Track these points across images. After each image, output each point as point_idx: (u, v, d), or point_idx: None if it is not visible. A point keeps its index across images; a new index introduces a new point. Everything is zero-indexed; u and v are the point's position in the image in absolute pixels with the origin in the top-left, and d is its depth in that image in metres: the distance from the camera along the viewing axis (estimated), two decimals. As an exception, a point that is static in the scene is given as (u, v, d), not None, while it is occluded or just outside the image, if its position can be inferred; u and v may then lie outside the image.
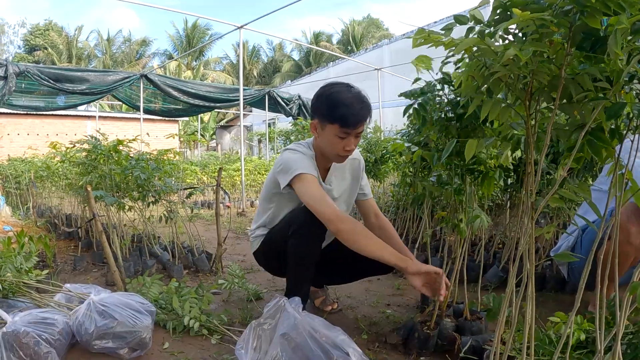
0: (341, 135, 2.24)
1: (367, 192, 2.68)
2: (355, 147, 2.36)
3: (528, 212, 1.25)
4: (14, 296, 2.41)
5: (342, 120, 2.21)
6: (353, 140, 2.28)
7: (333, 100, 2.24)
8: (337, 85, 2.33)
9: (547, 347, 1.76)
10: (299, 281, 2.41)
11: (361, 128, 2.27)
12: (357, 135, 2.29)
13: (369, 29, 39.44)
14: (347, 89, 2.29)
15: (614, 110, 1.02)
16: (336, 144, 2.28)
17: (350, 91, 2.28)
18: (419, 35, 1.05)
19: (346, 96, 2.23)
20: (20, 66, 9.01)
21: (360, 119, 2.23)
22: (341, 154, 2.32)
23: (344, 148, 2.28)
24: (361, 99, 2.26)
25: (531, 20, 0.91)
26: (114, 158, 3.88)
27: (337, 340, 1.85)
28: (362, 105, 2.24)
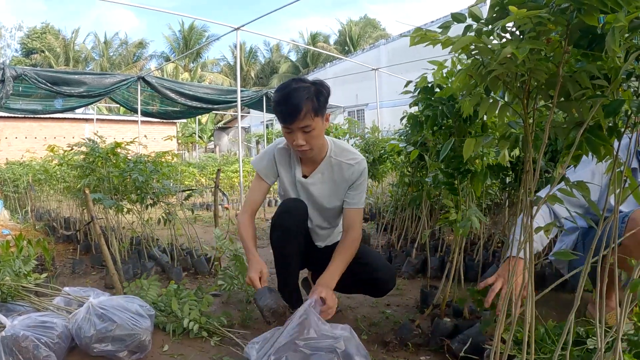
0: (285, 130, 2.29)
1: (350, 202, 2.50)
2: (310, 143, 2.30)
3: (527, 210, 1.24)
4: (13, 300, 2.41)
5: (278, 116, 2.26)
6: (301, 135, 2.26)
7: (275, 96, 2.29)
8: (289, 80, 2.34)
9: (547, 345, 1.76)
10: (283, 273, 2.47)
11: (303, 123, 2.22)
12: (304, 131, 2.25)
13: (366, 29, 39.48)
14: (293, 83, 2.28)
15: (613, 107, 1.02)
16: (287, 138, 2.36)
17: (294, 85, 2.25)
18: (416, 34, 1.05)
19: (284, 92, 2.24)
20: (18, 69, 8.98)
21: (292, 114, 2.20)
22: (294, 149, 2.37)
23: (292, 142, 2.31)
24: (298, 94, 2.20)
25: (528, 18, 0.91)
26: (112, 161, 3.88)
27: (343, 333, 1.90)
28: (296, 100, 2.19)
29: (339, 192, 2.51)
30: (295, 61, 39.70)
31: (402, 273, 3.59)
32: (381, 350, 2.26)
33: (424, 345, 2.27)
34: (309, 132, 2.26)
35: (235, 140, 29.24)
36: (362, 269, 2.46)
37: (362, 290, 2.65)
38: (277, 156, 2.53)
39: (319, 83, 2.32)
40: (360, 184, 2.50)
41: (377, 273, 2.49)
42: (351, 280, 2.45)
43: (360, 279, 2.49)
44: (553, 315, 2.57)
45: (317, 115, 2.25)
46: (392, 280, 2.54)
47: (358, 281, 2.50)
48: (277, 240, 2.43)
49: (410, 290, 3.27)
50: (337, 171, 2.48)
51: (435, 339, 2.23)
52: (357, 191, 2.49)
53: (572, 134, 1.15)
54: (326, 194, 2.52)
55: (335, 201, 2.54)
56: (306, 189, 2.50)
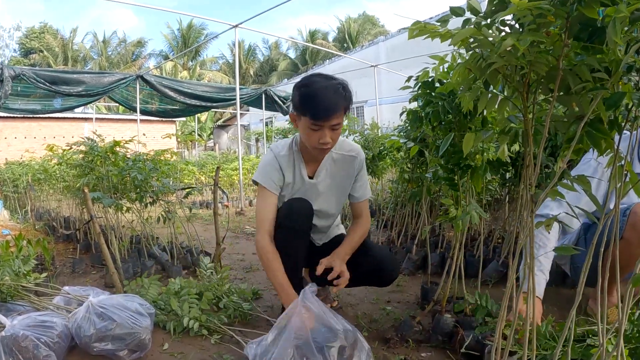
0: (313, 127, 2.20)
1: (358, 195, 2.57)
2: (334, 141, 2.28)
3: (527, 205, 1.24)
4: (12, 300, 2.40)
5: (312, 112, 2.17)
6: (328, 132, 2.21)
7: (305, 91, 2.20)
8: (315, 76, 2.29)
9: (548, 341, 1.75)
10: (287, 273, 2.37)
11: (335, 120, 2.19)
12: (333, 128, 2.22)
13: (364, 26, 39.42)
14: (323, 80, 2.23)
15: (614, 100, 1.01)
16: (311, 136, 2.24)
17: (325, 82, 2.21)
18: (415, 26, 1.04)
19: (317, 87, 2.18)
20: (16, 69, 8.98)
21: (330, 111, 2.16)
22: (317, 146, 2.27)
23: (318, 140, 2.23)
24: (334, 92, 2.18)
25: (528, 10, 0.90)
26: (111, 159, 3.87)
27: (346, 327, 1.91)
28: (333, 97, 2.16)
29: (344, 187, 2.54)
30: (294, 59, 39.65)
31: (403, 269, 3.59)
32: (382, 346, 2.25)
33: (425, 342, 2.27)
34: (336, 129, 2.24)
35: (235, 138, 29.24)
36: (367, 260, 2.46)
37: (367, 282, 2.60)
38: (283, 164, 2.45)
39: (343, 81, 2.29)
40: (363, 175, 2.57)
41: (381, 263, 2.48)
42: (356, 272, 2.44)
43: (365, 270, 2.47)
44: (554, 311, 2.57)
45: (344, 113, 2.25)
46: (396, 270, 2.57)
47: (363, 272, 2.47)
48: (283, 241, 2.38)
49: (410, 286, 3.26)
50: (340, 165, 2.50)
51: (436, 335, 2.23)
52: (362, 182, 2.57)
53: (572, 127, 1.14)
54: (332, 189, 2.52)
55: (341, 197, 2.57)
56: (315, 188, 2.48)
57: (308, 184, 2.46)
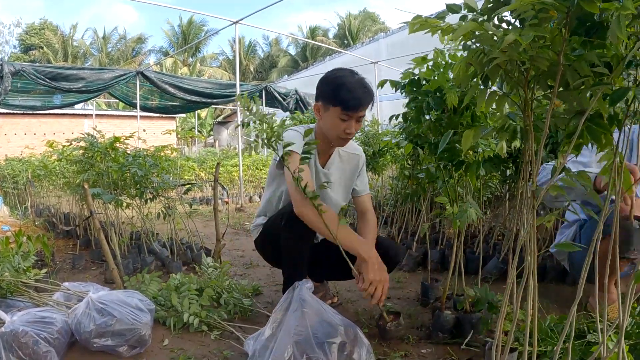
0: (343, 117, 2.32)
1: (361, 190, 2.74)
2: (356, 132, 2.43)
3: (528, 201, 1.23)
4: (12, 296, 2.40)
5: (344, 102, 2.28)
6: (354, 124, 2.35)
7: (337, 83, 2.32)
8: (343, 70, 2.42)
9: (549, 339, 1.75)
10: (292, 273, 2.43)
11: (362, 113, 2.34)
12: (359, 120, 2.37)
13: (365, 22, 39.32)
14: (352, 75, 2.37)
15: (617, 95, 1.01)
16: (337, 126, 2.35)
17: (354, 76, 2.36)
18: (415, 21, 1.03)
19: (349, 80, 2.32)
20: (16, 65, 8.97)
21: (362, 102, 2.30)
22: (342, 136, 2.39)
23: (344, 130, 2.35)
24: (364, 85, 2.34)
25: (530, 5, 0.90)
26: (111, 155, 3.87)
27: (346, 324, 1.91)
28: (364, 90, 2.32)
29: (350, 181, 2.68)
30: (295, 55, 39.58)
31: (403, 266, 3.59)
32: (382, 343, 2.25)
33: (425, 338, 2.27)
34: (360, 122, 2.39)
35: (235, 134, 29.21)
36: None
37: None
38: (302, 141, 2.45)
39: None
40: (364, 172, 2.76)
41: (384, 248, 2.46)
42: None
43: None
44: (554, 307, 2.57)
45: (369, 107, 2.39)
46: (400, 254, 2.71)
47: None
48: (289, 242, 2.41)
49: (410, 283, 3.26)
50: (346, 161, 2.66)
51: (436, 331, 2.23)
52: (363, 178, 2.74)
53: (572, 123, 1.14)
54: (341, 181, 2.65)
55: (348, 189, 2.70)
56: (326, 177, 2.58)
57: (321, 172, 2.57)
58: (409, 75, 2.48)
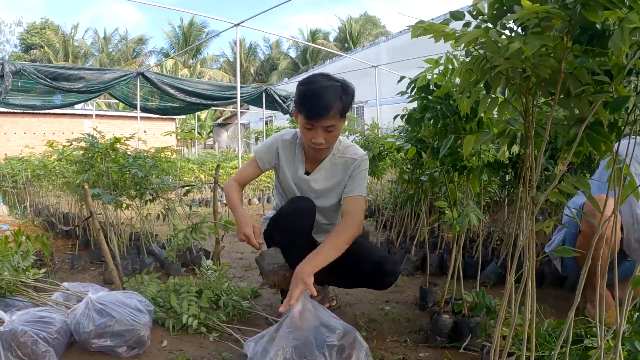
0: (307, 126, 2.25)
1: (347, 190, 2.46)
2: (328, 142, 2.30)
3: (527, 207, 1.24)
4: (11, 295, 2.40)
5: (307, 110, 2.21)
6: (322, 133, 2.25)
7: (303, 89, 2.25)
8: (318, 75, 2.31)
9: (546, 343, 1.76)
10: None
11: (329, 122, 2.21)
12: (328, 130, 2.25)
13: (366, 26, 39.39)
14: (324, 80, 2.25)
15: (617, 103, 1.02)
16: (305, 134, 2.30)
17: (325, 82, 2.22)
18: (418, 27, 1.04)
19: (315, 87, 2.20)
20: (17, 65, 8.97)
21: (323, 112, 2.17)
22: (310, 145, 2.32)
23: (311, 140, 2.28)
24: (332, 93, 2.18)
25: (534, 14, 0.91)
26: (111, 156, 3.87)
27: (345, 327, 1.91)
28: (327, 98, 2.17)
29: (340, 187, 2.51)
30: (295, 58, 39.65)
31: (402, 270, 3.59)
32: (380, 346, 2.26)
33: (423, 342, 2.28)
34: (331, 131, 2.26)
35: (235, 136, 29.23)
36: (365, 263, 2.40)
37: (365, 284, 2.57)
38: (281, 148, 2.52)
39: (346, 82, 2.30)
40: (358, 175, 2.47)
41: (381, 266, 2.42)
42: (355, 276, 2.44)
43: (364, 273, 2.43)
44: (552, 312, 2.57)
45: (342, 116, 2.26)
46: (396, 272, 2.49)
47: (362, 275, 2.44)
48: (284, 241, 2.40)
49: (409, 287, 3.27)
50: (340, 168, 2.50)
51: (434, 335, 2.24)
52: (355, 179, 2.46)
53: (572, 130, 1.15)
54: (327, 190, 2.52)
55: (335, 198, 2.54)
56: (308, 185, 2.50)
57: (301, 179, 2.50)
58: (424, 79, 2.34)
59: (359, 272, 2.43)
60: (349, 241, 2.24)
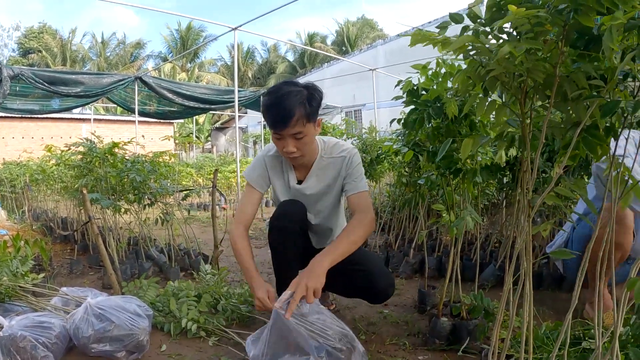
0: (275, 136, 2.21)
1: (349, 188, 2.39)
2: (300, 150, 2.24)
3: (525, 210, 1.25)
4: (10, 300, 2.41)
5: (268, 121, 2.19)
6: (291, 142, 2.19)
7: (264, 100, 2.21)
8: (280, 83, 2.26)
9: (544, 346, 1.77)
10: (282, 275, 2.38)
11: (294, 129, 2.15)
12: (296, 137, 2.18)
13: (363, 29, 39.46)
14: (285, 88, 2.19)
15: (610, 107, 1.03)
16: (277, 144, 2.27)
17: (285, 90, 2.16)
18: (415, 35, 1.05)
19: (276, 95, 2.15)
20: (15, 69, 8.96)
21: (282, 120, 2.13)
22: (283, 155, 2.30)
23: (282, 149, 2.24)
24: (290, 99, 2.12)
25: (526, 19, 0.92)
26: (110, 161, 3.88)
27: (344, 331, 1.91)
28: (287, 105, 2.11)
29: (334, 189, 2.47)
30: (293, 61, 39.69)
31: (400, 273, 3.60)
32: (379, 350, 2.26)
33: (422, 345, 2.28)
34: (301, 138, 2.19)
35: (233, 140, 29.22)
36: (360, 276, 2.34)
37: (360, 296, 2.50)
38: (269, 164, 2.48)
39: (312, 87, 2.23)
40: (353, 172, 2.41)
41: (375, 281, 2.35)
42: (349, 287, 2.42)
43: (357, 286, 2.37)
44: (550, 314, 2.58)
45: (309, 121, 2.18)
46: (390, 288, 2.39)
47: (356, 288, 2.40)
48: (276, 242, 2.39)
49: (408, 290, 3.27)
50: (331, 169, 2.44)
51: (433, 338, 2.24)
52: (351, 177, 2.40)
53: (569, 133, 1.16)
54: (322, 194, 2.49)
55: (331, 199, 2.50)
56: (302, 194, 2.47)
57: (294, 189, 2.47)
58: (409, 84, 2.37)
59: (351, 284, 2.39)
60: (365, 236, 2.23)
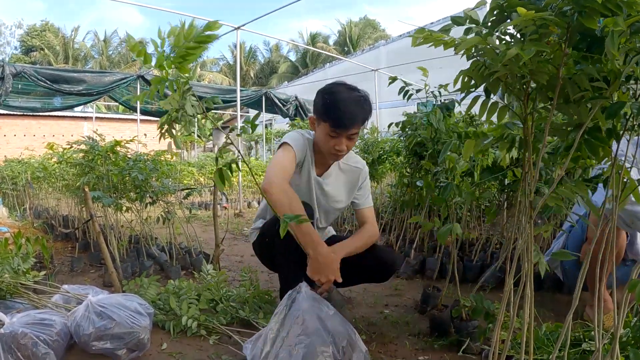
0: (332, 134, 2.30)
1: (361, 202, 2.66)
2: (348, 149, 2.39)
3: (526, 211, 1.25)
4: (11, 297, 2.41)
5: (333, 120, 2.27)
6: (345, 141, 2.32)
7: (329, 99, 2.30)
8: (340, 85, 2.39)
9: (544, 347, 1.77)
10: (287, 276, 2.43)
11: (354, 130, 2.31)
12: (350, 137, 2.33)
13: (365, 30, 39.43)
14: (347, 91, 2.33)
15: (614, 109, 1.03)
16: (327, 142, 2.34)
17: (349, 93, 2.32)
18: (419, 34, 1.05)
19: (342, 97, 2.28)
20: (17, 67, 8.98)
21: (351, 122, 2.27)
22: (332, 152, 2.37)
23: (334, 147, 2.33)
24: (356, 103, 2.29)
25: (531, 20, 0.92)
26: (111, 159, 3.88)
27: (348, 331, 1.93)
28: (355, 109, 2.27)
29: (349, 194, 2.64)
30: (295, 61, 39.67)
31: (401, 274, 3.60)
32: (380, 350, 2.26)
33: (423, 345, 2.28)
34: (352, 139, 2.35)
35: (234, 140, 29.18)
36: (366, 254, 2.46)
37: (367, 277, 2.64)
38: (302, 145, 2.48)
39: (365, 93, 2.38)
40: (366, 185, 2.68)
41: (381, 255, 2.54)
42: (356, 268, 2.45)
43: (365, 265, 2.50)
44: (551, 316, 2.58)
45: (362, 124, 2.36)
46: (397, 261, 2.66)
47: (363, 267, 2.50)
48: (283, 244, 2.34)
49: (408, 290, 3.27)
50: (347, 175, 2.62)
51: (433, 338, 2.24)
52: (364, 191, 2.66)
53: (571, 135, 1.16)
54: (337, 194, 2.61)
55: (343, 203, 2.66)
56: (321, 187, 2.56)
57: (315, 180, 2.54)
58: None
59: (361, 265, 2.47)
60: (373, 242, 2.53)
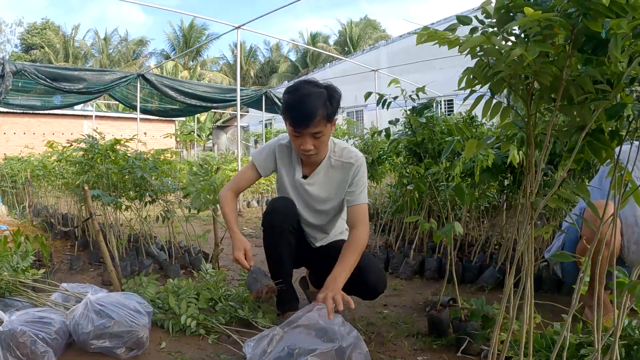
0: (295, 134, 2.27)
1: (352, 199, 2.43)
2: (317, 148, 2.30)
3: (527, 212, 1.25)
4: (10, 295, 2.41)
5: (292, 119, 2.23)
6: (310, 140, 2.25)
7: (288, 98, 2.27)
8: (302, 82, 2.32)
9: (543, 350, 1.76)
10: (276, 271, 2.47)
11: (315, 129, 2.22)
12: (315, 136, 2.25)
13: (366, 30, 39.45)
14: (307, 87, 2.25)
15: (614, 110, 1.03)
16: (294, 141, 2.33)
17: (308, 89, 2.23)
18: (423, 32, 1.05)
19: (299, 94, 2.22)
20: (17, 65, 8.97)
21: (307, 120, 2.18)
22: (299, 152, 2.36)
23: (299, 147, 2.30)
24: (315, 100, 2.19)
25: (536, 21, 0.92)
26: (111, 157, 3.88)
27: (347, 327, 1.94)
28: (313, 106, 2.17)
29: (338, 192, 2.48)
30: (295, 61, 39.67)
31: (400, 274, 3.60)
32: (379, 350, 2.26)
33: (422, 345, 2.28)
34: (319, 137, 2.26)
35: (234, 139, 29.24)
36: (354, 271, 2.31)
37: (352, 292, 2.40)
38: (278, 152, 2.52)
39: (332, 87, 2.29)
40: (358, 181, 2.44)
41: (366, 276, 2.39)
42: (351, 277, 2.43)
43: (351, 282, 2.30)
44: (550, 317, 2.58)
45: (328, 121, 2.26)
46: (381, 283, 2.44)
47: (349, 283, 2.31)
48: (267, 239, 2.47)
49: (407, 291, 3.27)
50: (338, 171, 2.47)
51: (432, 339, 2.24)
52: (356, 187, 2.43)
53: (574, 137, 1.16)
54: (324, 194, 2.50)
55: (333, 201, 2.52)
56: (304, 189, 2.49)
57: (298, 182, 2.50)
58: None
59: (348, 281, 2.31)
60: (363, 248, 2.35)
